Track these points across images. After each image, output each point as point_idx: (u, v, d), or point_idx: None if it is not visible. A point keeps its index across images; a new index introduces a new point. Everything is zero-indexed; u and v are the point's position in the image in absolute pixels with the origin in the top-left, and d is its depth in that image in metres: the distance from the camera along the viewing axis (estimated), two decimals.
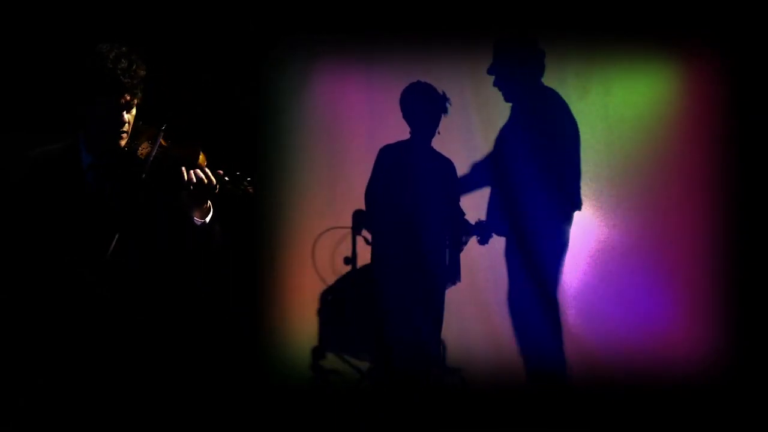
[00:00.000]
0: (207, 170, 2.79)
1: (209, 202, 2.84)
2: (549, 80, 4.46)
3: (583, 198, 4.50)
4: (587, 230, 4.55)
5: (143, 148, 2.80)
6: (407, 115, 4.45)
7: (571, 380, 4.39)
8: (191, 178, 2.75)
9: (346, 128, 4.67)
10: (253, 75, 4.50)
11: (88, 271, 2.77)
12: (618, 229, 4.56)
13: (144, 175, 2.74)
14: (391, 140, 4.51)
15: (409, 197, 4.40)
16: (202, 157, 2.82)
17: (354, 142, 4.66)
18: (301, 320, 4.65)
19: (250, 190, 2.86)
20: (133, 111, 2.83)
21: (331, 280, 4.68)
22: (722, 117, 4.42)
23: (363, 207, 4.58)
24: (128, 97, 2.77)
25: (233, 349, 4.34)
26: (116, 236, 2.74)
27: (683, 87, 4.53)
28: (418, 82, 4.44)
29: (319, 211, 4.69)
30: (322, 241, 4.68)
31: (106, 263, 2.74)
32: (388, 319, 4.40)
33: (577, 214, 4.47)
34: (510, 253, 4.44)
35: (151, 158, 2.76)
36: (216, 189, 2.79)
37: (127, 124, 2.80)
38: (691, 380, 4.32)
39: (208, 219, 2.85)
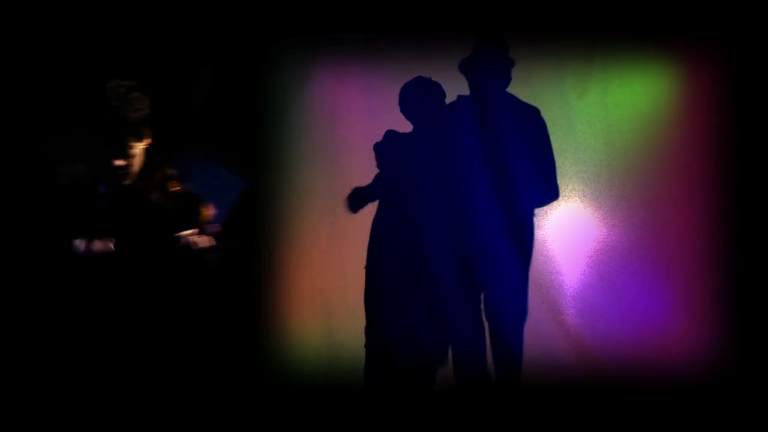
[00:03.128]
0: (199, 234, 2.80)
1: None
2: (548, 80, 4.47)
3: (583, 198, 4.51)
4: (587, 230, 4.56)
5: (150, 191, 2.82)
6: (408, 112, 4.47)
7: (571, 380, 4.41)
8: (189, 242, 2.77)
9: (345, 128, 4.67)
10: (253, 75, 4.51)
11: (89, 274, 2.79)
12: (618, 229, 4.56)
13: (140, 216, 2.77)
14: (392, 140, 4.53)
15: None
16: (205, 209, 2.83)
17: (353, 142, 4.66)
18: (301, 320, 4.65)
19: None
20: (134, 152, 2.83)
21: (331, 279, 4.69)
22: (721, 117, 4.42)
23: (362, 207, 4.59)
24: (120, 145, 2.77)
25: (233, 349, 4.34)
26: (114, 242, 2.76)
27: (682, 87, 4.53)
28: (416, 78, 4.46)
29: (319, 210, 4.68)
30: (322, 240, 4.69)
31: (106, 266, 2.76)
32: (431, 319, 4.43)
33: (576, 215, 4.47)
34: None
35: (145, 209, 2.79)
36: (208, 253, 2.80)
37: (123, 166, 2.81)
38: (691, 380, 4.32)
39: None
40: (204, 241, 2.75)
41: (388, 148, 4.53)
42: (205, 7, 4.41)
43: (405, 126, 4.53)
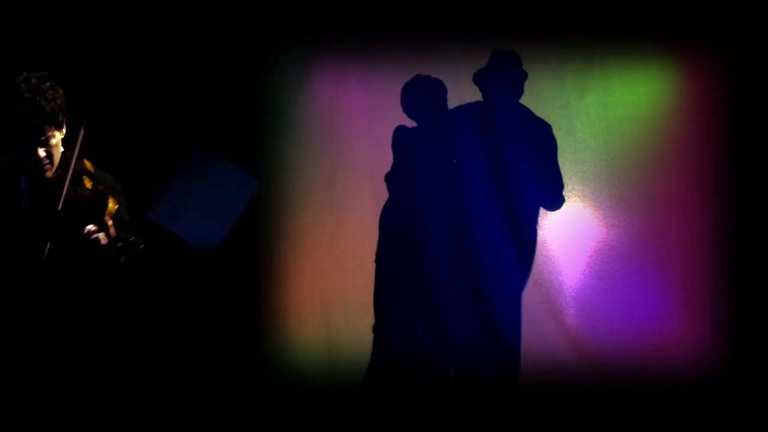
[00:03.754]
0: (107, 228, 2.78)
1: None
2: (548, 80, 4.48)
3: (583, 198, 4.51)
4: (587, 230, 4.56)
5: (66, 183, 2.82)
6: (411, 110, 4.47)
7: (571, 380, 4.41)
8: (86, 236, 2.76)
9: (345, 128, 4.67)
10: (253, 75, 4.51)
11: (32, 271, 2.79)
12: (617, 229, 4.56)
13: (58, 209, 2.77)
14: (390, 140, 4.53)
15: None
16: (111, 204, 2.83)
17: (353, 142, 4.66)
18: (301, 320, 4.65)
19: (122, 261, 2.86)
20: (53, 142, 2.81)
21: (331, 279, 4.69)
22: (721, 117, 4.42)
23: (362, 206, 4.59)
24: (38, 136, 2.76)
25: (233, 349, 4.34)
26: (48, 245, 2.75)
27: (682, 87, 4.53)
28: (417, 75, 4.46)
29: (319, 210, 4.68)
30: (322, 240, 4.69)
31: (44, 267, 2.76)
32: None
33: (576, 215, 4.47)
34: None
35: (62, 198, 2.79)
36: (107, 251, 2.79)
37: (44, 158, 2.79)
38: (691, 380, 4.32)
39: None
40: (104, 237, 2.75)
41: (397, 145, 4.53)
42: (205, 7, 4.41)
43: (405, 126, 4.53)
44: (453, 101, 4.54)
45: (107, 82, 4.44)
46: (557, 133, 4.52)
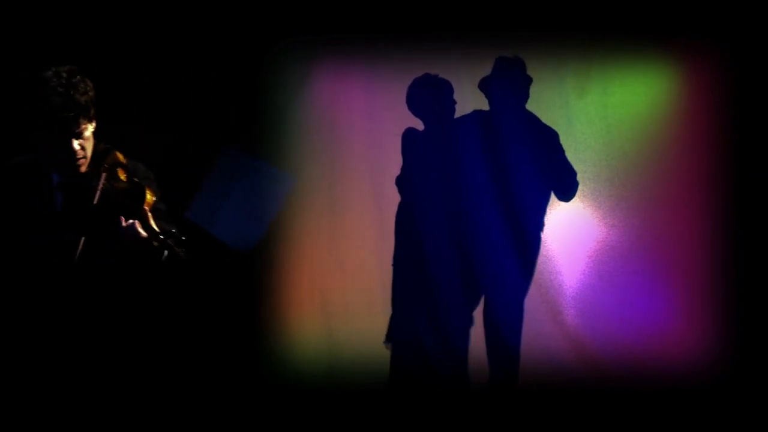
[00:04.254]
0: (147, 220, 2.76)
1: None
2: (548, 81, 4.47)
3: (583, 198, 4.51)
4: (586, 230, 4.56)
5: (101, 177, 2.80)
6: (417, 109, 4.47)
7: (571, 380, 4.41)
8: (127, 229, 2.74)
9: (345, 128, 4.67)
10: (253, 75, 4.51)
11: (60, 274, 2.77)
12: (617, 229, 4.56)
13: (95, 203, 2.75)
14: (390, 140, 4.53)
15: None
16: (149, 196, 2.81)
17: (354, 142, 4.66)
18: (301, 320, 4.65)
19: (181, 254, 2.83)
20: (86, 134, 2.79)
21: (331, 279, 4.69)
22: (721, 117, 4.42)
23: (362, 206, 4.59)
24: (74, 129, 2.75)
25: (233, 349, 4.34)
26: (82, 241, 2.74)
27: (682, 87, 4.54)
28: (425, 75, 4.46)
29: (319, 210, 4.69)
30: (322, 240, 4.69)
31: (76, 266, 2.74)
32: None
33: (576, 215, 4.48)
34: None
35: (98, 193, 2.77)
36: (149, 244, 2.76)
37: (80, 151, 2.78)
38: (691, 380, 4.32)
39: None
40: (144, 230, 2.72)
41: (405, 147, 4.53)
42: (205, 7, 4.41)
43: (406, 126, 4.53)
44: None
45: (107, 82, 4.43)
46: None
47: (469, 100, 4.55)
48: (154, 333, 3.03)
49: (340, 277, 4.66)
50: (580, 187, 4.53)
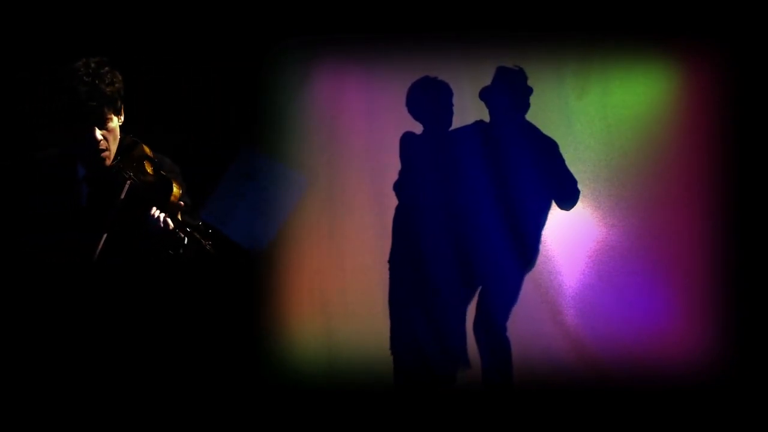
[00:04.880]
0: (175, 213, 2.75)
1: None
2: (548, 81, 4.48)
3: (582, 198, 4.51)
4: (586, 230, 4.56)
5: (128, 170, 2.78)
6: (417, 113, 4.47)
7: (570, 380, 4.41)
8: (154, 222, 2.72)
9: (345, 128, 4.67)
10: (253, 75, 4.51)
11: (78, 270, 2.76)
12: (617, 229, 4.56)
13: (122, 197, 2.74)
14: (390, 141, 4.53)
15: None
16: (176, 189, 2.79)
17: (353, 142, 4.66)
18: (301, 320, 4.65)
19: (208, 248, 2.82)
20: (111, 125, 2.78)
21: (331, 279, 4.69)
22: (721, 117, 4.42)
23: (362, 206, 4.60)
24: (97, 119, 2.73)
25: (233, 349, 4.34)
26: (103, 237, 2.73)
27: (682, 87, 4.53)
28: (424, 77, 4.46)
29: (319, 210, 4.68)
30: (322, 240, 4.69)
31: (95, 263, 2.73)
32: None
33: (576, 215, 4.48)
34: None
35: (127, 185, 2.75)
36: (175, 236, 2.75)
37: (102, 142, 2.76)
38: (691, 380, 4.32)
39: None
40: (171, 223, 2.70)
41: (403, 150, 4.54)
42: (205, 7, 4.41)
43: (406, 126, 4.53)
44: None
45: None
46: (557, 133, 4.52)
47: (468, 100, 4.56)
48: (153, 333, 3.03)
49: (340, 277, 4.66)
50: (579, 187, 4.54)
